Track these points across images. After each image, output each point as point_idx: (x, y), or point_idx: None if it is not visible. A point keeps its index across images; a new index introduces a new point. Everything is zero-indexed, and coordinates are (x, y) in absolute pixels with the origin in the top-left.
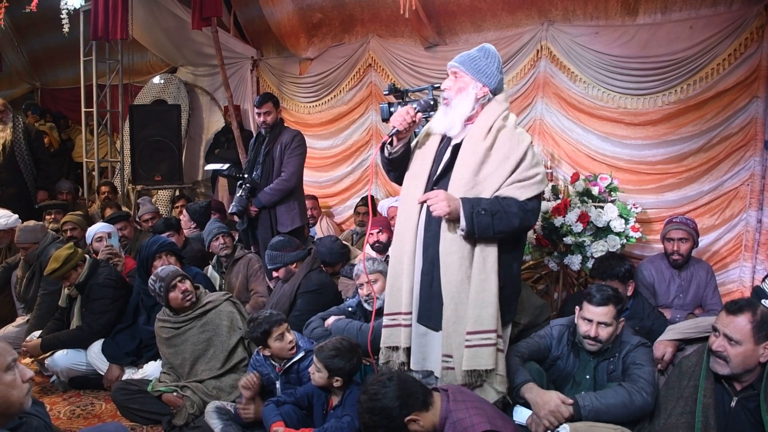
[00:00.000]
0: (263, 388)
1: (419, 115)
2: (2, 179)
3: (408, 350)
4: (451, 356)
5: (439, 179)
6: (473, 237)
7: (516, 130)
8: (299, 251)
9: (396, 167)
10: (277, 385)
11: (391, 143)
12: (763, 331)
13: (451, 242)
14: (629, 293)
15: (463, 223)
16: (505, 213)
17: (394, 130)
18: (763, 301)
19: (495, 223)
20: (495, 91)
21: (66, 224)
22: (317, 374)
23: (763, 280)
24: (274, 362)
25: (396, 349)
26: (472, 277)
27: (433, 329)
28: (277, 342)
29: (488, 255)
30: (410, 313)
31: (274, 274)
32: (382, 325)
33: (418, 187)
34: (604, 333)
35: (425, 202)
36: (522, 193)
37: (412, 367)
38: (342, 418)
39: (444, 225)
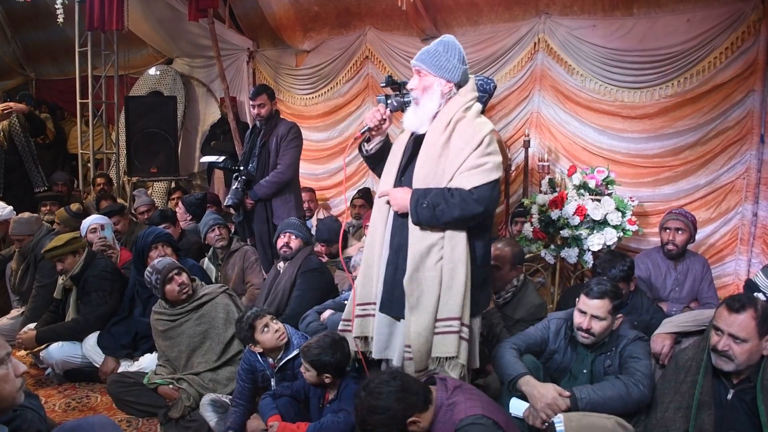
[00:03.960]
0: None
1: (388, 112)
2: (10, 164)
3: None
4: (410, 346)
5: (404, 171)
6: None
7: (476, 120)
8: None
9: (375, 163)
10: (272, 382)
11: (368, 140)
12: (766, 325)
13: (422, 229)
14: (632, 288)
15: (410, 216)
16: (447, 205)
17: (365, 128)
18: (755, 294)
19: (437, 215)
20: (460, 84)
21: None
22: (307, 373)
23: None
24: (269, 357)
25: (366, 339)
26: (443, 265)
27: (395, 318)
28: (264, 334)
29: (457, 243)
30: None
31: (281, 240)
32: (354, 315)
33: (389, 180)
34: (597, 327)
35: (387, 197)
36: (469, 181)
37: (373, 355)
38: (338, 413)
39: None
